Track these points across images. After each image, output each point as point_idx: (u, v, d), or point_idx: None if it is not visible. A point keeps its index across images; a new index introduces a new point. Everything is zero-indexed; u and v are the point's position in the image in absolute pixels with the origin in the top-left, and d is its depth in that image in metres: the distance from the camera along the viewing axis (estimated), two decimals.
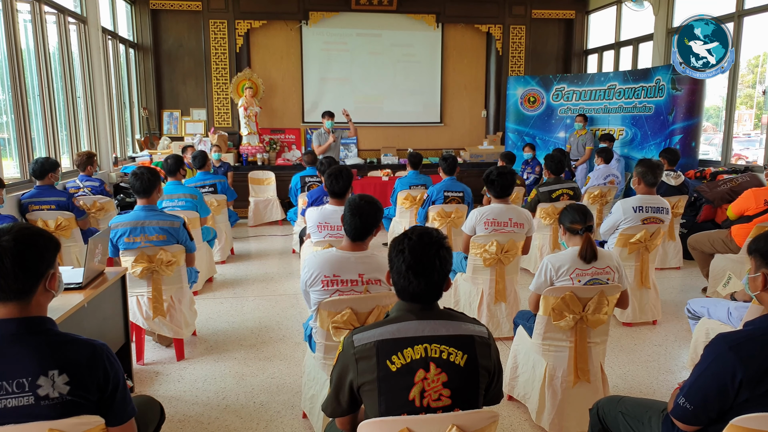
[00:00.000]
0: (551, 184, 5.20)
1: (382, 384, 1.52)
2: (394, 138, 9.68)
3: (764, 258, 1.78)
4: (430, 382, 1.52)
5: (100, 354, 1.54)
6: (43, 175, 4.60)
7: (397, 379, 1.52)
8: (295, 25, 9.14)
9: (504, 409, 2.97)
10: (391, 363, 1.52)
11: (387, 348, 1.54)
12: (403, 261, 1.59)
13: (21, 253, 1.47)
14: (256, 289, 5.06)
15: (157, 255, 3.37)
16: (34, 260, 1.49)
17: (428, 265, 1.58)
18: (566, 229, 2.83)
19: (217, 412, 2.94)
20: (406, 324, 1.58)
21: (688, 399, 1.71)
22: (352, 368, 1.57)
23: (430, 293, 1.62)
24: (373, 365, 1.53)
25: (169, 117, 9.13)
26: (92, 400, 1.52)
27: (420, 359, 1.52)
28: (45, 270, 1.52)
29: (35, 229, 1.56)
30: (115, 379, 1.56)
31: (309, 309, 2.57)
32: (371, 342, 1.55)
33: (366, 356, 1.55)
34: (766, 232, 1.84)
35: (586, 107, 8.55)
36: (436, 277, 1.60)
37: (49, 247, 1.54)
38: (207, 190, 5.71)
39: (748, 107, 8.08)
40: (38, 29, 5.69)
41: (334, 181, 3.51)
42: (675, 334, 4.00)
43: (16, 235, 1.48)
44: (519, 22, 9.57)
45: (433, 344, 1.54)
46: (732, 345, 1.63)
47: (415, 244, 1.61)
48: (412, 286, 1.59)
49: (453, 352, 1.54)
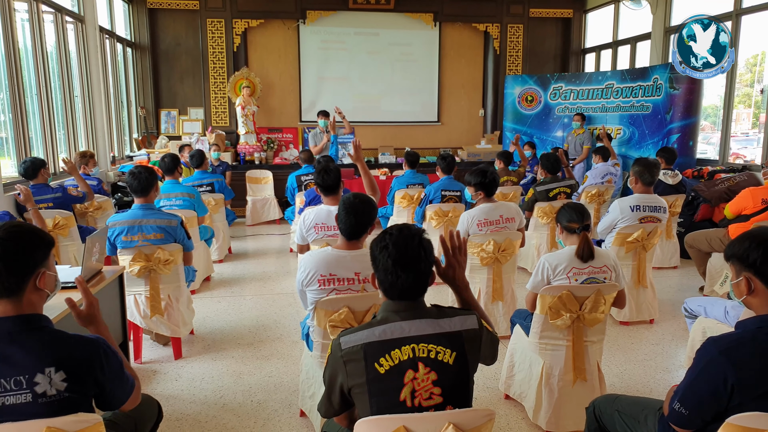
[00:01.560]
0: (548, 182, 5.21)
1: (371, 386, 1.52)
2: (391, 137, 9.68)
3: (742, 262, 1.75)
4: (419, 381, 1.52)
5: (96, 350, 1.54)
6: (35, 173, 4.58)
7: (387, 381, 1.52)
8: (292, 24, 9.14)
9: (501, 407, 2.98)
10: (379, 365, 1.52)
11: (374, 350, 1.53)
12: (389, 256, 1.58)
13: (8, 250, 1.46)
14: (254, 287, 5.06)
15: (154, 254, 3.37)
16: (22, 258, 1.49)
17: (414, 256, 1.58)
18: (563, 227, 2.84)
19: (214, 411, 2.94)
20: (392, 325, 1.56)
21: (683, 404, 1.71)
22: (341, 371, 1.56)
23: (417, 287, 1.61)
24: (361, 368, 1.53)
25: (167, 116, 9.12)
26: (90, 395, 1.53)
27: (408, 360, 1.52)
28: (33, 268, 1.52)
29: (27, 226, 1.55)
30: (111, 373, 1.56)
31: (305, 309, 2.57)
32: (358, 345, 1.54)
33: (354, 359, 1.54)
34: (740, 237, 1.81)
35: (583, 106, 8.56)
36: (423, 267, 1.60)
37: (39, 245, 1.53)
38: (204, 189, 5.70)
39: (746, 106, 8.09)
40: (36, 28, 5.68)
41: (324, 176, 3.53)
42: (672, 333, 4.01)
43: (4, 233, 1.48)
44: (516, 21, 9.58)
45: (420, 344, 1.54)
46: (722, 350, 1.63)
47: (396, 238, 1.60)
48: (400, 280, 1.58)
49: (441, 351, 1.54)
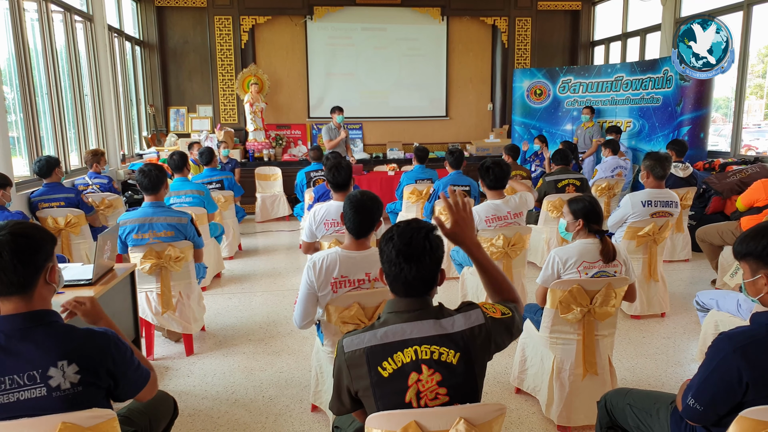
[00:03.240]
0: (557, 174, 5.19)
1: (376, 390, 1.51)
2: (399, 132, 9.67)
3: (761, 259, 1.68)
4: (424, 383, 1.50)
5: (107, 342, 1.56)
6: (49, 172, 4.63)
7: (391, 384, 1.51)
8: (299, 20, 9.14)
9: (512, 401, 2.98)
10: (382, 369, 1.51)
11: (376, 354, 1.51)
12: (393, 247, 1.56)
13: (19, 246, 1.49)
14: (264, 284, 5.08)
15: (165, 251, 3.39)
16: (33, 253, 1.51)
17: (418, 248, 1.54)
18: (585, 224, 2.76)
19: (226, 407, 2.97)
20: (393, 327, 1.54)
21: (698, 400, 1.70)
22: (346, 374, 1.56)
23: (422, 282, 1.57)
24: (364, 372, 1.52)
25: (176, 114, 9.16)
26: (103, 387, 1.55)
27: (411, 362, 1.50)
28: (43, 262, 1.55)
29: (30, 224, 1.60)
30: (123, 364, 1.59)
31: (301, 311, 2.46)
32: (360, 349, 1.53)
33: (357, 363, 1.53)
34: (748, 231, 1.74)
35: (593, 99, 8.50)
36: (428, 261, 1.55)
37: (46, 240, 1.57)
38: (214, 187, 5.73)
39: (758, 97, 8.00)
40: (45, 28, 5.72)
41: (336, 173, 3.54)
42: (683, 326, 3.98)
43: (12, 229, 1.51)
44: (524, 14, 9.51)
45: (423, 345, 1.51)
46: (737, 347, 1.61)
47: (402, 230, 1.58)
48: (403, 272, 1.54)
49: (444, 352, 1.51)
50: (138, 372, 1.65)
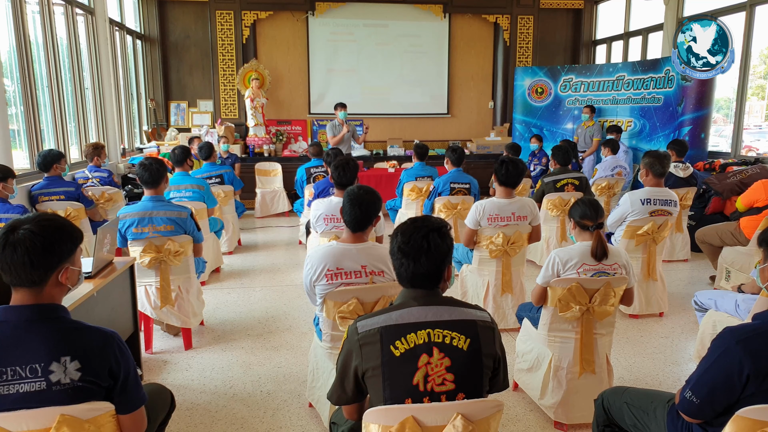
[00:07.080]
0: (557, 173, 5.19)
1: (385, 369, 1.55)
2: (400, 129, 9.67)
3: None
4: (433, 366, 1.54)
5: (111, 342, 1.56)
6: (49, 166, 4.64)
7: (401, 364, 1.55)
8: (301, 16, 9.12)
9: (509, 398, 2.98)
10: (394, 348, 1.55)
11: (390, 333, 1.56)
12: (396, 242, 1.66)
13: (35, 245, 1.49)
14: (263, 279, 5.09)
15: (164, 245, 3.40)
16: (47, 253, 1.51)
17: (415, 247, 1.61)
18: (576, 223, 2.78)
19: (224, 401, 2.97)
20: (408, 310, 1.60)
21: (695, 393, 1.70)
22: (357, 354, 1.59)
23: (426, 277, 1.64)
24: (377, 350, 1.56)
25: (176, 108, 9.15)
26: (103, 386, 1.54)
27: (423, 344, 1.55)
28: (57, 263, 1.54)
29: (59, 220, 1.57)
30: (126, 368, 1.58)
31: (315, 306, 2.57)
32: (375, 328, 1.58)
33: (370, 342, 1.57)
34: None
35: (594, 98, 8.49)
36: (424, 260, 1.61)
37: (66, 241, 1.55)
38: (214, 181, 5.73)
39: (759, 98, 7.99)
40: (46, 20, 5.71)
41: (341, 172, 3.52)
42: (682, 326, 3.99)
43: (36, 226, 1.50)
44: (527, 12, 9.50)
45: (436, 329, 1.57)
46: (740, 339, 1.63)
47: (406, 227, 1.66)
48: (403, 267, 1.63)
49: (456, 337, 1.57)
50: (137, 388, 1.63)
